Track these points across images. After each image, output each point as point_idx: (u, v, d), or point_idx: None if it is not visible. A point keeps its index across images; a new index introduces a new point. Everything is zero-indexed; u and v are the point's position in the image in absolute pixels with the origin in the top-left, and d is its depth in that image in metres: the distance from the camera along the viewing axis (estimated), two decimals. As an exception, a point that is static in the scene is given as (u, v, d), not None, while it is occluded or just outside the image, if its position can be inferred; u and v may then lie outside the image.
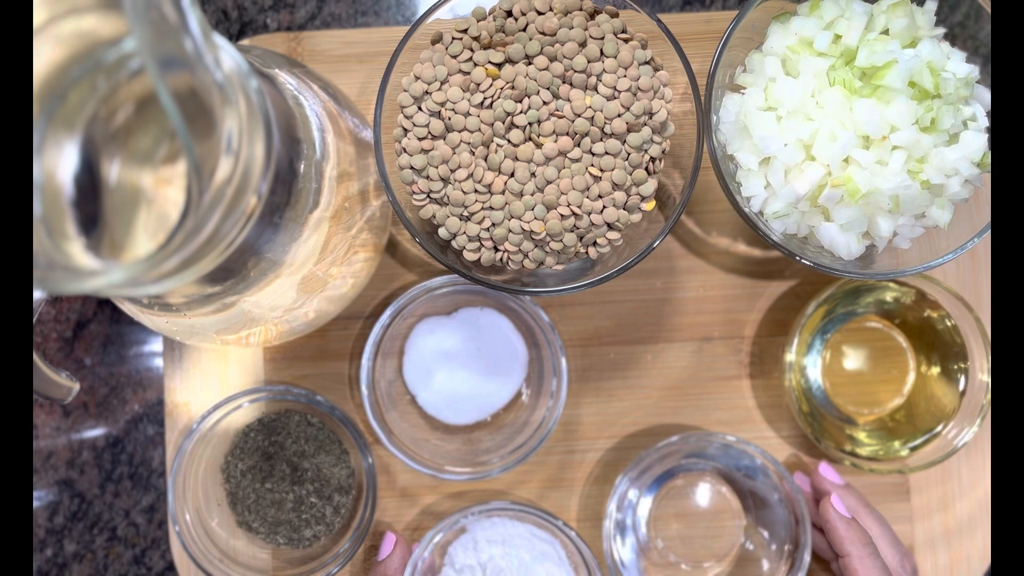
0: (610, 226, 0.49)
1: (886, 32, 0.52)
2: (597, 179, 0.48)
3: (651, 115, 0.48)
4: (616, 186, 0.48)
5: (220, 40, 0.39)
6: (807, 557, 0.58)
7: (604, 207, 0.48)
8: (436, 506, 0.62)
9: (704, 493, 0.63)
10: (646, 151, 0.49)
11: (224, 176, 0.37)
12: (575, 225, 0.49)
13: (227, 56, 0.39)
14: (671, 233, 0.63)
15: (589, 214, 0.48)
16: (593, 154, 0.48)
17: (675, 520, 0.63)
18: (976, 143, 0.50)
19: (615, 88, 0.47)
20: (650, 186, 0.49)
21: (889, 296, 0.62)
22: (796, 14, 0.54)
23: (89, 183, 0.40)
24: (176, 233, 0.35)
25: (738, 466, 0.62)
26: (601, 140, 0.48)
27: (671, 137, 0.50)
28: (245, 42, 0.63)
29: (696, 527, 0.63)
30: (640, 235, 0.51)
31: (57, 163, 0.39)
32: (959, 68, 0.51)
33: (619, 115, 0.47)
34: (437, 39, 0.50)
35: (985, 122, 0.52)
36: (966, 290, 0.63)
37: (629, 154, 0.48)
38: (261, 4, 0.63)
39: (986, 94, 0.53)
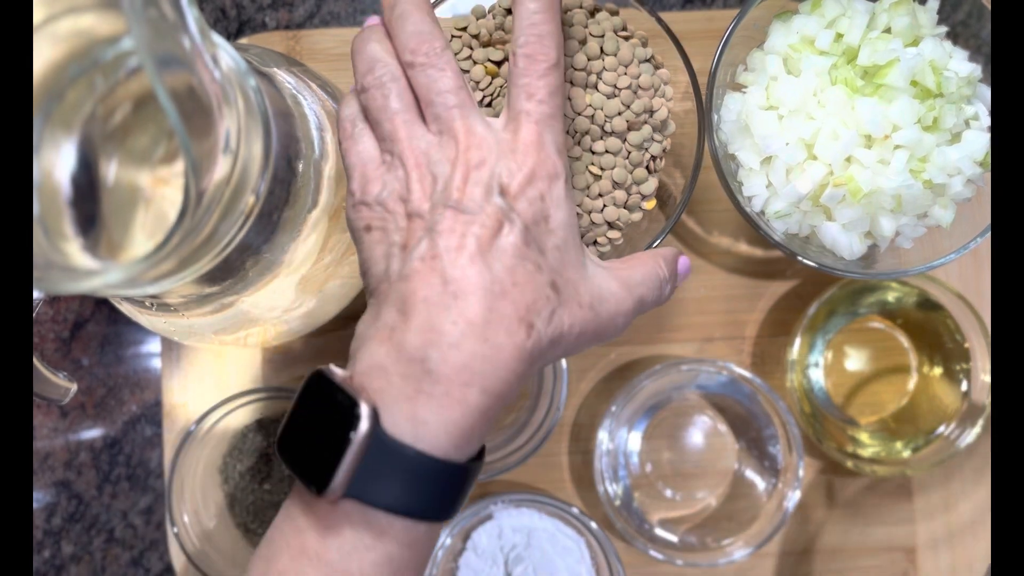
0: (611, 225, 0.49)
1: (888, 31, 0.52)
2: (597, 178, 0.48)
3: (651, 113, 0.48)
4: (616, 185, 0.48)
5: (218, 39, 0.39)
6: (801, 474, 0.59)
7: (604, 206, 0.48)
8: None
9: (695, 422, 0.63)
10: (647, 149, 0.48)
11: (222, 176, 0.36)
12: (576, 224, 0.48)
13: (225, 55, 0.39)
14: (672, 233, 0.63)
15: (590, 213, 0.48)
16: (593, 152, 0.47)
17: (667, 450, 0.63)
18: (978, 142, 0.50)
19: (615, 86, 0.47)
20: (651, 185, 0.49)
21: (891, 296, 0.62)
22: (798, 12, 0.53)
23: (87, 182, 0.40)
24: (174, 233, 0.35)
25: (728, 393, 0.62)
26: (601, 138, 0.47)
27: (672, 136, 0.50)
28: (243, 40, 0.63)
29: (688, 456, 0.63)
30: (640, 234, 0.51)
31: (55, 162, 0.39)
32: (961, 67, 0.51)
33: (619, 113, 0.47)
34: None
35: (987, 121, 0.52)
36: (968, 290, 0.62)
37: (630, 152, 0.48)
38: (260, 2, 0.63)
39: (988, 93, 0.53)
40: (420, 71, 0.40)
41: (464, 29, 0.49)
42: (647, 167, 0.49)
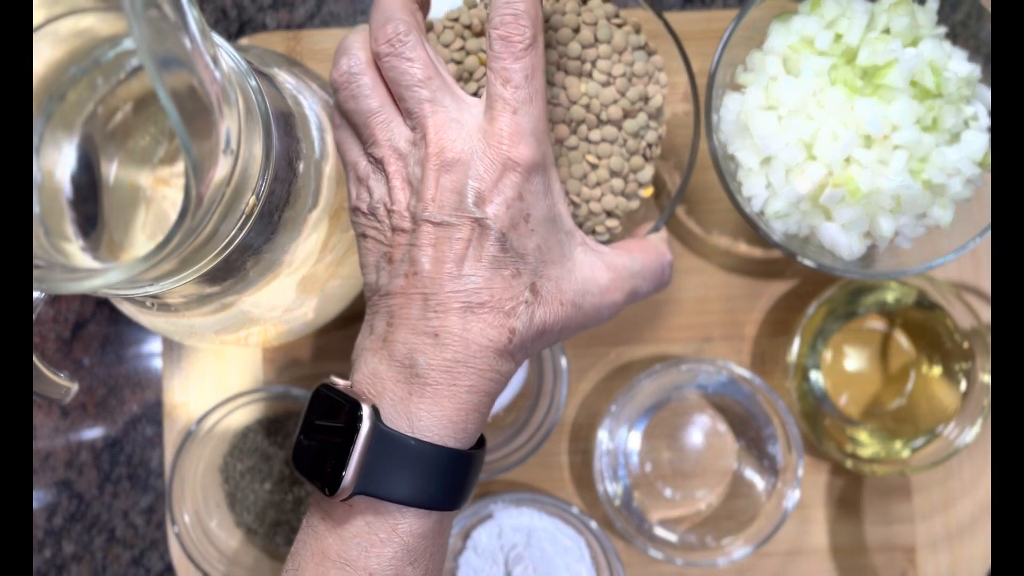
0: (609, 213, 0.49)
1: (887, 31, 0.52)
2: (594, 167, 0.48)
3: (647, 100, 0.48)
4: (614, 173, 0.48)
5: (218, 39, 0.39)
6: (800, 473, 0.59)
7: (602, 194, 0.48)
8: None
9: (695, 422, 0.63)
10: (642, 137, 0.48)
11: (223, 176, 0.36)
12: (574, 213, 0.48)
13: (226, 55, 0.39)
14: (672, 233, 0.63)
15: (588, 202, 0.48)
16: (590, 141, 0.47)
17: (667, 450, 0.63)
18: (978, 142, 0.50)
19: (610, 74, 0.47)
20: (648, 172, 0.49)
21: (890, 296, 0.62)
22: (797, 13, 0.53)
23: (88, 183, 0.40)
24: (174, 233, 0.35)
25: (727, 393, 0.62)
26: (597, 127, 0.47)
27: (669, 130, 0.50)
28: (244, 41, 0.63)
29: (688, 455, 0.63)
30: (638, 224, 0.51)
31: (55, 163, 0.39)
32: (960, 67, 0.51)
33: (615, 101, 0.47)
34: (429, 28, 0.50)
35: (987, 121, 0.52)
36: (968, 290, 0.62)
37: (626, 140, 0.48)
38: (260, 3, 0.63)
39: (988, 93, 0.53)
40: (387, 62, 0.40)
41: (456, 20, 0.49)
42: (643, 155, 0.49)
